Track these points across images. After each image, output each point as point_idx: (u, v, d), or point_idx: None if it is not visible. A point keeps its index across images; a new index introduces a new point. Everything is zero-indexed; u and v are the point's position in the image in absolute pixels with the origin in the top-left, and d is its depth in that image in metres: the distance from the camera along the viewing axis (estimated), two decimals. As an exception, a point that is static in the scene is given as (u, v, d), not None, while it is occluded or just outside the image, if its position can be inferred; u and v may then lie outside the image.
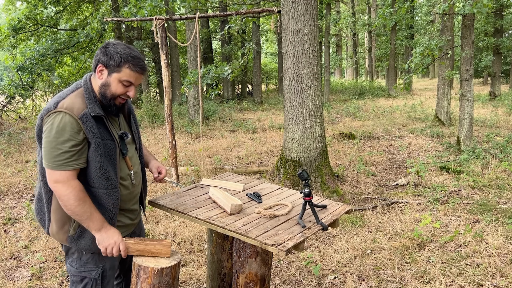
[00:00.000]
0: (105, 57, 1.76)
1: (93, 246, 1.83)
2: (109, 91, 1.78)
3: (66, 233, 1.82)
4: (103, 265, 1.89)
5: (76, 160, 1.72)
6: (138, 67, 1.78)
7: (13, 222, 4.63)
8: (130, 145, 2.00)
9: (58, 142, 1.68)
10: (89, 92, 1.79)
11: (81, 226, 1.81)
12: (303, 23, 5.07)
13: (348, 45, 39.37)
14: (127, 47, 1.78)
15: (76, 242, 1.83)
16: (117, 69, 1.76)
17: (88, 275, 1.87)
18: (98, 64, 1.78)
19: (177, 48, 16.86)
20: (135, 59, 1.77)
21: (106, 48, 1.77)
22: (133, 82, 1.80)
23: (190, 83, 7.26)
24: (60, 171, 1.70)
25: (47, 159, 1.71)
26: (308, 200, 1.99)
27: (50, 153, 1.70)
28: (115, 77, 1.77)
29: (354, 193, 5.37)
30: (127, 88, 1.81)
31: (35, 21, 13.30)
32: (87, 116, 1.73)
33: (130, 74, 1.77)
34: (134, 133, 2.05)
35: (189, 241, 3.94)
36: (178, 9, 10.88)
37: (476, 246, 3.60)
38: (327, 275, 3.28)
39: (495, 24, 16.79)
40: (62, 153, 1.69)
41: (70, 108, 1.71)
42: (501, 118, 11.05)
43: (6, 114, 11.74)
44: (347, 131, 9.46)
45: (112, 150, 1.82)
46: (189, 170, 6.47)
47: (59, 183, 1.70)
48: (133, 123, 2.05)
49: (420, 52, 7.19)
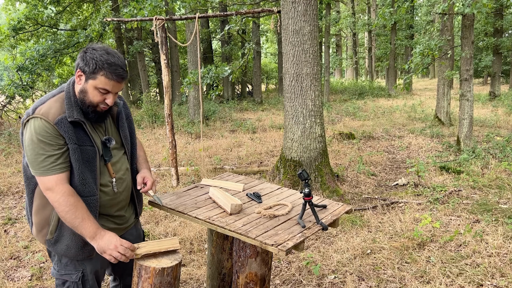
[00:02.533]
0: (82, 62, 1.71)
1: (68, 252, 1.81)
2: (86, 97, 1.73)
3: (44, 236, 1.82)
4: (83, 268, 1.86)
5: (62, 164, 1.70)
6: (115, 75, 1.71)
7: (13, 222, 4.63)
8: (117, 150, 1.94)
9: (39, 148, 1.66)
10: (69, 97, 1.75)
11: (58, 231, 1.79)
12: (303, 23, 5.08)
13: (348, 45, 39.37)
14: (106, 53, 1.71)
15: (53, 247, 1.82)
16: (92, 76, 1.70)
17: (68, 278, 1.86)
18: (77, 69, 1.73)
19: (177, 48, 16.86)
20: (111, 66, 1.69)
21: (85, 53, 1.71)
22: (110, 90, 1.73)
23: (190, 83, 7.26)
24: (48, 176, 1.68)
25: (34, 167, 1.69)
26: (308, 200, 1.99)
27: (35, 160, 1.68)
28: (91, 84, 1.71)
29: (354, 193, 5.38)
30: (104, 96, 1.74)
31: (35, 21, 13.31)
32: (63, 121, 1.69)
33: (105, 82, 1.70)
34: (124, 138, 1.97)
35: (189, 241, 3.95)
36: (178, 9, 10.88)
37: (476, 246, 3.60)
38: (327, 275, 3.28)
39: (495, 24, 16.79)
40: (46, 158, 1.67)
41: (46, 114, 1.68)
42: (501, 118, 11.06)
43: (6, 114, 11.74)
44: (347, 131, 9.46)
45: (91, 156, 1.77)
46: (189, 170, 6.47)
47: (49, 190, 1.68)
48: (123, 127, 1.98)
49: (420, 52, 7.19)
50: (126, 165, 1.98)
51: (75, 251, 1.82)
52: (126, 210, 2.01)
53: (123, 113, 1.99)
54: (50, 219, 1.79)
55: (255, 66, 17.86)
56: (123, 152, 1.97)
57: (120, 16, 12.32)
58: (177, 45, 16.22)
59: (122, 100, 2.04)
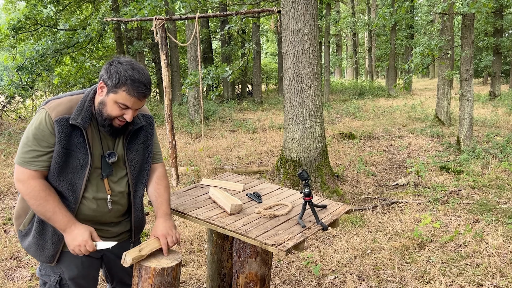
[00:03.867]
0: (106, 75, 1.68)
1: (28, 250, 1.81)
2: (104, 110, 1.71)
3: (18, 226, 1.83)
4: (60, 273, 1.84)
5: (43, 162, 1.69)
6: (137, 92, 1.66)
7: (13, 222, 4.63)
8: (120, 169, 1.87)
9: (29, 139, 1.67)
10: (84, 101, 1.73)
11: (29, 226, 1.80)
12: (303, 23, 5.07)
13: (348, 45, 39.37)
14: (131, 68, 1.67)
15: (21, 239, 1.84)
16: (114, 90, 1.67)
17: (47, 280, 1.86)
18: (100, 80, 1.71)
19: (177, 48, 16.85)
20: (134, 83, 1.65)
21: (110, 65, 1.69)
22: (130, 106, 1.69)
23: (191, 84, 7.26)
24: (24, 168, 1.67)
25: (18, 154, 1.70)
26: (308, 200, 1.99)
27: (21, 148, 1.69)
28: (111, 97, 1.68)
29: (354, 193, 5.37)
30: (123, 111, 1.71)
31: (34, 21, 13.31)
32: (63, 121, 1.67)
33: (126, 97, 1.66)
34: (128, 159, 1.87)
35: (189, 241, 3.94)
36: (178, 9, 10.87)
37: (476, 246, 3.60)
38: (327, 275, 3.28)
39: (495, 24, 16.79)
40: (30, 150, 1.67)
41: (52, 109, 1.68)
42: (501, 118, 11.06)
43: (6, 114, 11.74)
44: (347, 131, 9.46)
45: (80, 165, 1.73)
46: (189, 170, 6.47)
47: (20, 182, 1.68)
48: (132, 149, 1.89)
49: (420, 52, 7.19)
50: (123, 188, 1.89)
51: (34, 251, 1.81)
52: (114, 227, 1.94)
53: (140, 134, 1.91)
54: (29, 211, 1.80)
55: (255, 66, 17.86)
56: (124, 173, 1.89)
57: (120, 16, 12.31)
58: (177, 45, 16.22)
59: (148, 121, 1.94)
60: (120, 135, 1.84)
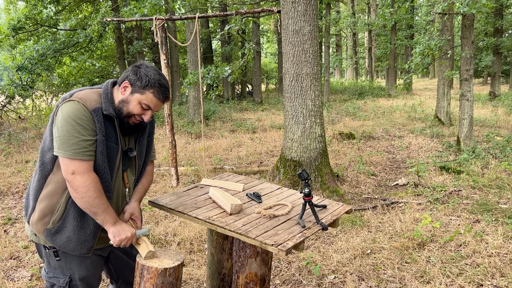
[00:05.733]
0: (134, 76, 1.79)
1: (67, 245, 1.80)
2: (126, 108, 1.80)
3: (44, 225, 1.79)
4: (70, 274, 1.86)
5: (92, 151, 1.72)
6: (162, 95, 1.81)
7: (13, 222, 4.63)
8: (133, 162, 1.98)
9: (74, 130, 1.67)
10: (107, 94, 1.81)
11: (61, 221, 1.77)
12: (303, 23, 5.07)
13: (348, 45, 39.37)
14: (158, 74, 1.82)
15: (51, 237, 1.79)
16: (141, 91, 1.78)
17: (56, 282, 1.86)
18: (125, 80, 1.80)
19: (177, 48, 16.85)
20: (161, 87, 1.80)
21: (138, 68, 1.80)
22: (152, 107, 1.82)
23: (190, 83, 7.26)
24: (78, 160, 1.67)
25: (64, 147, 1.67)
26: (308, 200, 1.99)
27: (68, 141, 1.66)
28: (136, 97, 1.79)
29: (354, 193, 5.38)
30: (144, 111, 1.82)
31: (34, 21, 13.31)
32: (99, 111, 1.74)
33: (151, 99, 1.79)
34: (139, 155, 1.99)
35: (189, 241, 3.94)
36: (178, 9, 10.88)
37: (476, 246, 3.60)
38: (327, 275, 3.28)
39: (495, 24, 16.79)
40: (80, 141, 1.68)
41: (84, 100, 1.72)
42: (501, 118, 11.06)
43: (6, 114, 11.74)
44: (347, 131, 9.46)
45: (113, 154, 1.80)
46: (189, 170, 6.47)
47: (78, 174, 1.67)
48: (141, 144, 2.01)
49: (420, 52, 7.19)
50: (132, 181, 2.01)
51: (75, 245, 1.80)
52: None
53: (146, 130, 2.02)
54: (56, 208, 1.77)
55: (255, 66, 17.86)
56: (134, 168, 2.00)
57: (120, 16, 12.31)
58: (177, 45, 16.22)
59: (151, 119, 2.06)
60: (131, 134, 1.94)
